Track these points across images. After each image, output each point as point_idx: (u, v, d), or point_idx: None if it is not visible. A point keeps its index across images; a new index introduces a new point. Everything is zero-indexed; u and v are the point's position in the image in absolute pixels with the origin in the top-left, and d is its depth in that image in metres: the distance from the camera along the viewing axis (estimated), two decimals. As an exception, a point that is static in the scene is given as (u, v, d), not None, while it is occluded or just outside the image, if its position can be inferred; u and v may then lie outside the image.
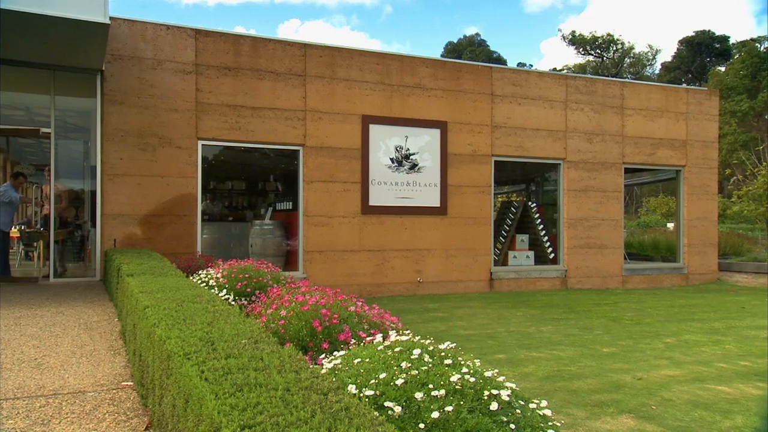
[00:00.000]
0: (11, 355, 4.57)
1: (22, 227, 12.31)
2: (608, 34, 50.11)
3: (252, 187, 14.16)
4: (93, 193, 10.29)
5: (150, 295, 4.12)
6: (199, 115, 9.77)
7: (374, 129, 10.92)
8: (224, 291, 5.89)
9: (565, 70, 48.51)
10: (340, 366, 2.69)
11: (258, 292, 5.97)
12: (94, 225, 9.85)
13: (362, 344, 3.09)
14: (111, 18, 7.36)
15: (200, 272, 6.69)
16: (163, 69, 9.58)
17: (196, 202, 9.78)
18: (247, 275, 6.15)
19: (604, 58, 51.43)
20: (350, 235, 10.73)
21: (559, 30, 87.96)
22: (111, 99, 9.27)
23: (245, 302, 5.89)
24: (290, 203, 11.34)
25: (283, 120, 10.31)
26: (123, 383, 4.00)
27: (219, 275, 6.26)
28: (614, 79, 15.33)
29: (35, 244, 12.36)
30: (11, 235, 10.91)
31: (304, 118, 10.46)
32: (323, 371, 2.56)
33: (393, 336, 3.02)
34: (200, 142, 9.82)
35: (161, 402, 2.84)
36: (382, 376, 2.35)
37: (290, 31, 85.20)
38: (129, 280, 5.06)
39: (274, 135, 10.26)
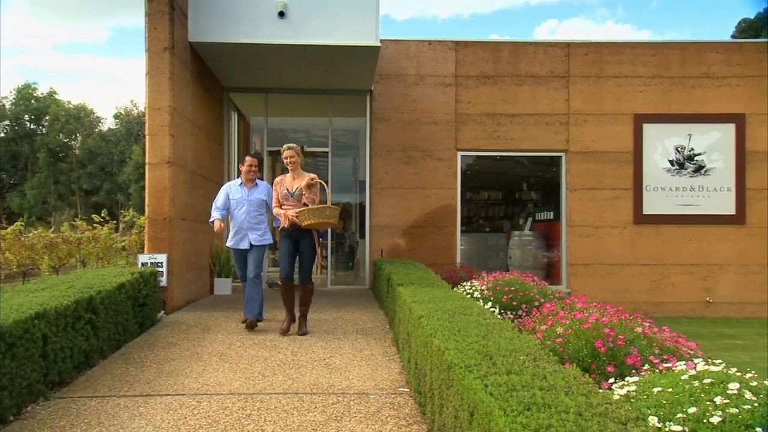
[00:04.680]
0: (305, 354, 5.07)
1: None
2: None
3: (507, 197, 13.91)
4: (360, 206, 11.12)
5: (422, 305, 4.20)
6: (458, 126, 9.90)
7: (648, 129, 9.85)
8: (489, 303, 5.77)
9: None
10: (635, 393, 2.55)
11: (524, 306, 5.73)
12: (362, 236, 10.61)
13: (657, 371, 2.87)
14: (380, 40, 7.86)
15: (464, 283, 6.71)
16: (425, 84, 9.95)
17: (456, 213, 9.90)
18: (512, 288, 5.96)
19: None
20: (620, 247, 9.77)
21: None
22: (378, 116, 9.94)
23: (511, 316, 5.67)
24: (550, 213, 10.81)
25: (544, 125, 9.88)
26: (400, 389, 4.07)
27: (483, 287, 6.19)
28: None
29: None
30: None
31: (567, 122, 9.89)
32: (615, 397, 2.44)
33: (700, 364, 2.72)
34: (459, 153, 9.94)
35: (441, 412, 2.90)
36: (692, 410, 2.17)
37: (547, 32, 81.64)
38: (400, 290, 5.25)
39: (534, 141, 9.89)
